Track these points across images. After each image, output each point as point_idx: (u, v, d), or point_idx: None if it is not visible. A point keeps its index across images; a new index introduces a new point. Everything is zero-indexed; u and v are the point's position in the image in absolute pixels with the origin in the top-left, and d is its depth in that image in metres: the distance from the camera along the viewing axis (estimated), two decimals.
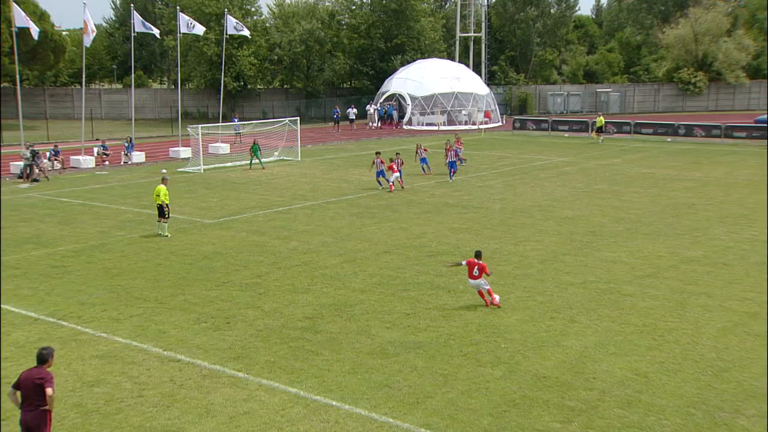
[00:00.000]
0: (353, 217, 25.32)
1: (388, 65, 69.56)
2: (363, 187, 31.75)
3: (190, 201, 28.52)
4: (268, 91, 75.31)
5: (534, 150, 46.12)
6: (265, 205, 27.52)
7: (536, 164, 39.20)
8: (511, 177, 34.59)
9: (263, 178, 34.61)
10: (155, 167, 38.78)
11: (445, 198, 28.97)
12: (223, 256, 19.99)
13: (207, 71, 66.67)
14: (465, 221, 24.44)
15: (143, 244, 21.51)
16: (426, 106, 61.44)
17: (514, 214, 25.71)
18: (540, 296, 16.49)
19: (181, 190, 31.13)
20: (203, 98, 71.15)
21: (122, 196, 29.84)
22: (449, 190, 30.91)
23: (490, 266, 18.87)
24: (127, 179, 34.79)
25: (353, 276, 18.01)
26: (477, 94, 62.96)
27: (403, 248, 20.75)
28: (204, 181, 34.05)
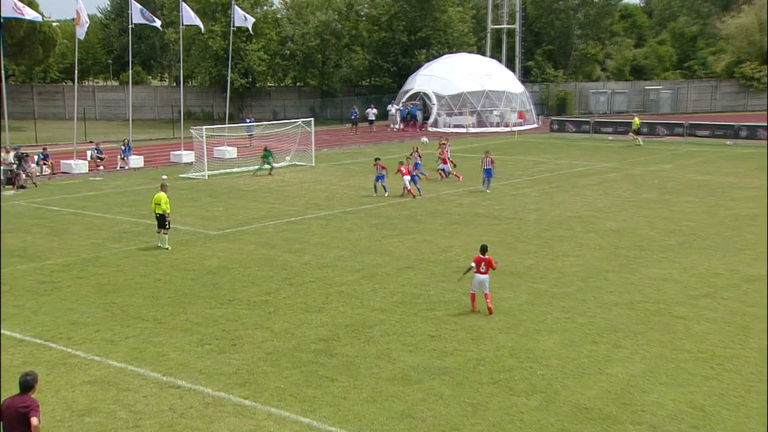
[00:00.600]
0: (373, 228, 25.35)
1: (412, 61, 69.78)
2: (384, 196, 31.78)
3: (193, 210, 28.71)
4: (279, 90, 75.83)
5: (573, 154, 45.93)
6: (275, 215, 27.63)
7: (576, 170, 39.04)
8: (547, 184, 34.48)
9: (274, 186, 34.78)
10: (155, 173, 39.14)
11: (475, 208, 28.93)
12: (229, 271, 20.09)
13: (212, 67, 67.29)
14: (496, 233, 24.37)
15: (141, 257, 21.67)
16: (453, 106, 61.52)
17: (551, 225, 25.62)
18: (581, 318, 16.39)
19: (183, 198, 31.35)
20: (208, 97, 71.78)
21: (118, 204, 30.11)
22: (479, 199, 30.87)
23: (525, 282, 18.80)
24: (124, 186, 35.12)
25: (372, 294, 18.02)
26: (510, 93, 62.97)
27: (428, 263, 20.73)
28: (208, 188, 34.29)
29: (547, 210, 28.38)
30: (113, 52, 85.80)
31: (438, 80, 62.26)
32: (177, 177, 37.39)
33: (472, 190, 33.10)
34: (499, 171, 38.23)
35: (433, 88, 62.04)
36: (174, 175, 38.06)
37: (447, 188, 32.95)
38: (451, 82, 61.73)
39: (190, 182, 36.09)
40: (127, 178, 37.53)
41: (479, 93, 61.68)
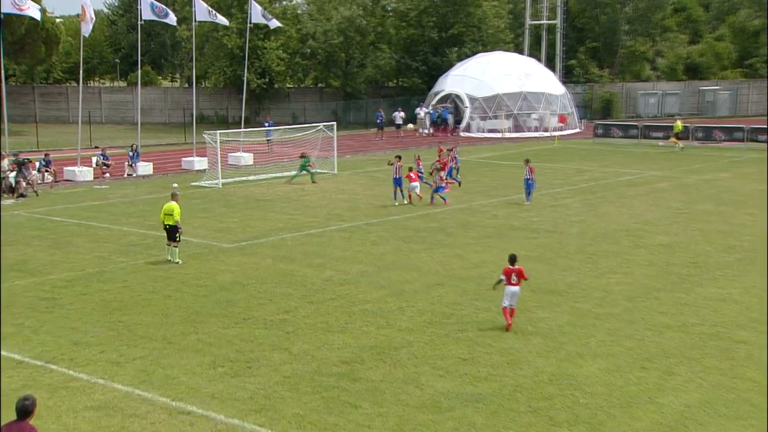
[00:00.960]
0: (399, 241, 25.35)
1: (443, 60, 69.88)
2: (411, 206, 31.79)
3: (205, 221, 28.90)
4: (299, 91, 76.26)
5: (620, 162, 45.66)
6: (294, 227, 27.73)
7: (623, 179, 38.80)
8: (591, 194, 34.31)
9: (293, 195, 34.92)
10: (165, 181, 39.44)
11: (510, 219, 28.85)
12: (244, 287, 20.17)
13: (227, 67, 67.84)
14: (535, 248, 24.27)
15: (149, 272, 21.82)
16: (488, 109, 61.49)
17: (595, 239, 25.48)
18: (628, 341, 16.25)
19: (196, 208, 31.56)
20: (222, 99, 72.36)
21: (125, 215, 30.39)
22: (515, 210, 30.79)
23: (566, 302, 18.67)
24: (132, 195, 35.45)
25: (399, 312, 18.00)
26: (550, 95, 62.84)
27: (459, 280, 20.69)
28: (222, 197, 34.50)
29: (590, 222, 28.22)
30: (121, 51, 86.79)
31: (471, 81, 62.28)
32: (189, 185, 37.67)
33: (508, 200, 32.99)
34: (537, 180, 38.08)
35: (465, 90, 62.06)
36: (186, 183, 38.34)
37: (480, 198, 32.89)
38: (486, 83, 61.72)
39: (203, 191, 36.35)
40: (135, 187, 37.89)
41: (516, 95, 61.61)
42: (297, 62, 72.04)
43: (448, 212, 30.40)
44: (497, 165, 44.66)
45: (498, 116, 61.29)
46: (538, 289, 19.68)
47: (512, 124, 61.47)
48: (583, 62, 78.64)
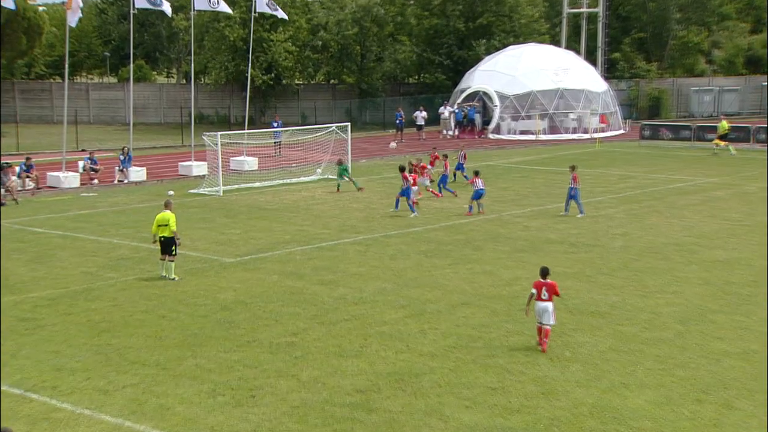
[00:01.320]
0: (421, 255, 25.34)
1: (470, 54, 69.95)
2: (434, 216, 31.79)
3: (205, 233, 28.98)
4: (309, 88, 76.56)
5: (670, 167, 45.47)
6: (303, 239, 27.77)
7: (673, 186, 38.65)
8: (637, 204, 34.19)
9: (302, 204, 34.99)
10: (160, 188, 39.62)
11: (546, 232, 28.78)
12: (247, 306, 20.20)
13: (229, 61, 68.18)
14: (573, 263, 24.19)
15: (142, 289, 21.88)
16: (520, 108, 61.46)
17: (641, 254, 25.37)
18: (680, 370, 16.14)
19: (194, 218, 31.66)
20: (224, 97, 72.74)
21: (115, 225, 30.51)
22: (550, 221, 30.72)
23: (608, 324, 18.58)
24: (123, 203, 35.61)
25: (420, 335, 17.97)
26: (590, 92, 62.73)
27: (488, 299, 20.65)
28: (224, 206, 34.61)
29: (636, 235, 28.11)
30: (111, 43, 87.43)
31: (501, 77, 62.29)
32: (186, 193, 37.80)
33: (542, 210, 32.91)
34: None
35: (495, 87, 62.06)
36: (183, 190, 38.49)
37: (511, 208, 32.83)
38: (518, 79, 61.70)
39: (202, 199, 36.47)
40: (127, 194, 38.06)
41: (552, 92, 61.54)
42: (307, 56, 72.30)
43: (475, 223, 30.34)
44: (530, 171, 44.57)
45: (531, 116, 61.21)
46: (576, 310, 19.60)
47: (547, 124, 61.37)
48: (628, 55, 78.44)
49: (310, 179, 41.33)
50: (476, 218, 31.29)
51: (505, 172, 43.73)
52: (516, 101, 61.50)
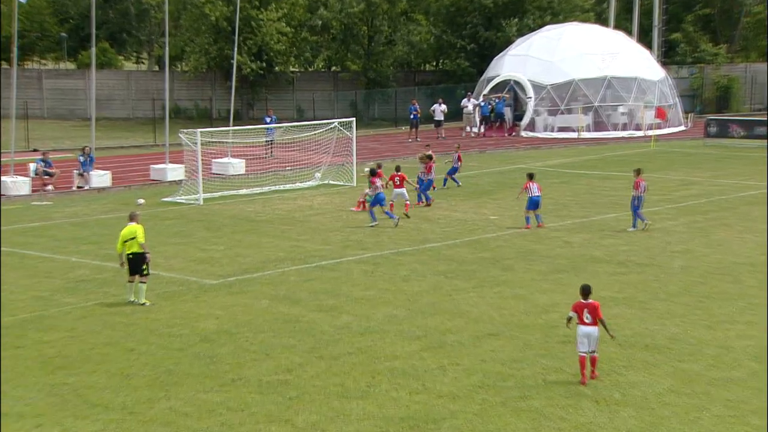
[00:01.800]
0: (439, 276, 25.22)
1: (498, 35, 69.95)
2: (456, 229, 31.65)
3: (181, 249, 28.88)
4: (307, 77, 76.65)
5: (742, 171, 45.24)
6: (299, 257, 27.66)
7: (746, 194, 38.42)
8: (701, 215, 34.00)
9: (298, 214, 34.92)
10: (127, 195, 39.59)
11: (590, 248, 28.63)
12: (232, 337, 20.08)
13: (211, 44, 68.26)
14: (623, 287, 24.03)
15: (106, 317, 21.76)
16: (559, 101, 61.37)
17: (707, 276, 25.21)
18: (755, 417, 16.00)
19: (169, 231, 31.58)
20: (204, 87, 72.83)
21: (74, 240, 30.42)
22: (595, 235, 30.59)
23: (667, 361, 18.38)
24: (83, 214, 35.56)
25: (439, 373, 17.85)
26: (644, 80, 62.55)
27: (520, 329, 20.52)
28: (204, 217, 34.54)
29: (700, 253, 27.93)
30: (69, 22, 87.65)
31: (536, 63, 62.22)
32: (159, 201, 37.77)
33: (586, 222, 32.73)
34: (627, 195, 37.75)
35: (529, 75, 62.01)
36: (155, 198, 38.47)
37: (547, 219, 32.64)
38: (556, 65, 61.64)
39: (179, 209, 36.42)
40: (88, 203, 38.00)
41: (598, 81, 61.43)
42: (304, 38, 72.37)
43: (504, 238, 30.20)
44: (571, 175, 44.45)
45: (573, 110, 61.12)
46: (628, 344, 19.42)
47: (592, 120, 61.27)
48: (690, 36, 78.04)
49: (307, 185, 41.25)
50: (507, 232, 31.18)
51: (541, 177, 43.25)
52: (554, 92, 61.39)
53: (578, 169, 46.85)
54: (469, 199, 37.41)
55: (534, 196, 31.46)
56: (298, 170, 42.89)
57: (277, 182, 41.67)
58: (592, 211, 34.66)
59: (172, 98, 66.41)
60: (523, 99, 62.57)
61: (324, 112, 67.29)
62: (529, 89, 61.65)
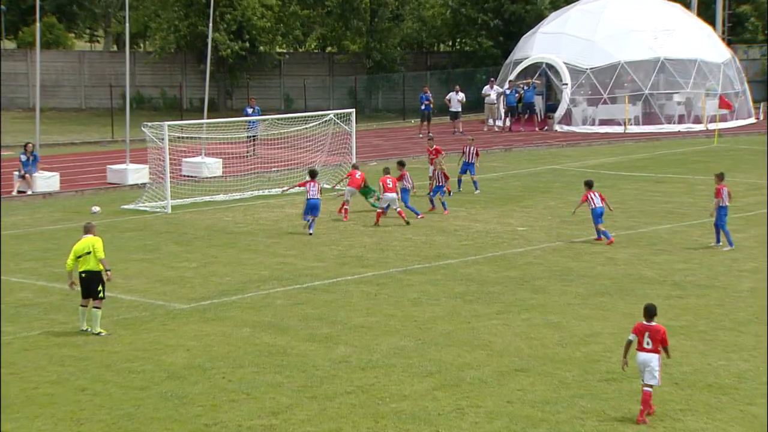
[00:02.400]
0: (456, 300, 25.23)
1: (528, 9, 69.96)
2: (477, 242, 31.64)
3: (145, 267, 28.88)
4: (297, 60, 76.54)
5: None
6: (287, 276, 27.69)
7: None
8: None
9: (285, 224, 34.93)
10: (79, 202, 39.57)
11: (638, 266, 28.59)
12: (206, 373, 20.07)
13: (181, 19, 68.14)
14: (679, 313, 23.99)
15: (52, 349, 21.71)
16: (601, 88, 61.20)
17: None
18: None
19: (129, 246, 31.57)
20: (173, 71, 72.77)
21: (14, 256, 30.35)
22: (645, 251, 30.57)
23: (733, 404, 18.37)
24: (25, 224, 35.54)
25: (456, 416, 17.86)
26: (705, 63, 62.28)
27: (554, 363, 20.51)
28: (173, 228, 34.56)
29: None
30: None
31: (574, 42, 62.16)
32: (118, 209, 37.74)
33: (632, 234, 32.64)
34: (680, 202, 37.77)
35: (564, 57, 61.86)
36: (113, 206, 38.45)
37: (587, 231, 32.60)
38: (597, 45, 61.56)
39: (142, 219, 36.43)
40: (31, 211, 37.99)
41: (649, 64, 61.30)
42: (293, 13, 72.33)
43: (535, 254, 30.18)
44: (616, 178, 44.40)
45: (617, 99, 61.03)
46: (686, 382, 19.39)
47: (641, 111, 61.14)
48: (762, 8, 77.78)
49: (297, 191, 41.17)
50: (538, 247, 31.17)
51: (579, 180, 43.44)
52: (595, 77, 61.30)
53: (624, 170, 46.77)
54: (492, 207, 37.37)
55: (597, 208, 31.47)
56: (286, 172, 42.82)
57: (260, 186, 41.69)
58: (641, 222, 34.61)
59: (134, 85, 66.31)
60: (558, 86, 62.52)
61: (317, 101, 67.26)
62: (564, 74, 61.54)
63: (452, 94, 61.18)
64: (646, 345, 17.32)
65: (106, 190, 42.51)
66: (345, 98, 68.79)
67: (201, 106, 50.75)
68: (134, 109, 51.04)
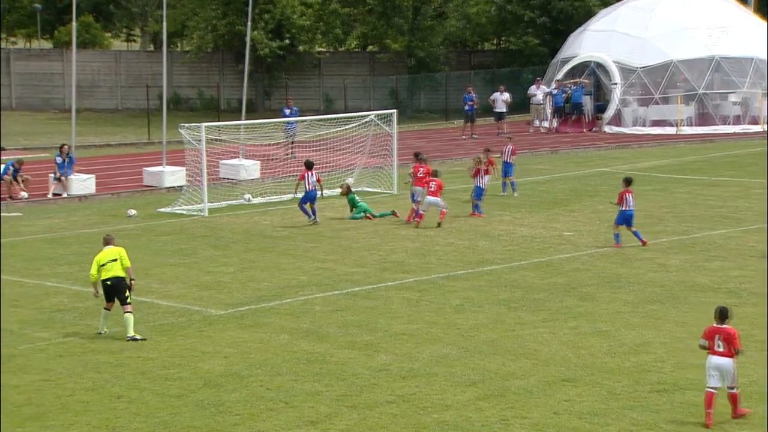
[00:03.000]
0: (501, 307, 25.20)
1: (576, 6, 69.66)
2: (522, 248, 31.56)
3: (182, 272, 28.97)
4: (337, 59, 76.63)
5: None
6: (326, 282, 27.73)
7: None
8: None
9: (325, 230, 34.96)
10: (115, 205, 39.73)
11: (691, 272, 28.44)
12: (243, 381, 20.11)
13: (219, 18, 68.36)
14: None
15: (87, 356, 21.83)
16: (653, 88, 60.88)
17: None
18: None
19: (166, 250, 31.70)
20: (211, 71, 72.99)
21: (49, 260, 30.54)
22: (699, 257, 30.37)
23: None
24: (60, 227, 35.73)
25: (501, 428, 17.82)
26: (762, 61, 61.49)
27: (603, 373, 20.43)
28: (210, 232, 34.68)
29: None
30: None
31: (624, 40, 61.91)
32: (154, 213, 37.94)
33: (685, 240, 32.45)
34: (736, 207, 37.46)
35: (614, 55, 61.60)
36: (149, 209, 38.63)
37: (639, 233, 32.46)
38: (649, 42, 61.27)
39: (178, 222, 36.58)
40: (67, 214, 38.16)
41: (703, 62, 60.86)
42: (333, 11, 72.40)
43: (583, 260, 30.06)
44: (668, 181, 44.16)
45: (670, 99, 60.68)
46: (743, 394, 18.97)
47: (695, 111, 60.74)
48: None
49: (336, 193, 41.19)
50: (586, 252, 31.06)
51: None
52: (646, 77, 61.02)
53: (677, 173, 46.50)
54: (538, 211, 37.26)
55: (627, 210, 31.38)
56: (326, 174, 42.86)
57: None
58: (694, 227, 34.37)
59: (171, 85, 66.54)
60: (607, 86, 62.22)
61: (358, 102, 67.28)
62: (614, 73, 61.30)
63: (497, 94, 61.11)
64: (718, 348, 17.57)
65: (142, 193, 42.73)
66: (386, 99, 68.77)
67: (239, 107, 50.94)
68: (171, 110, 51.12)
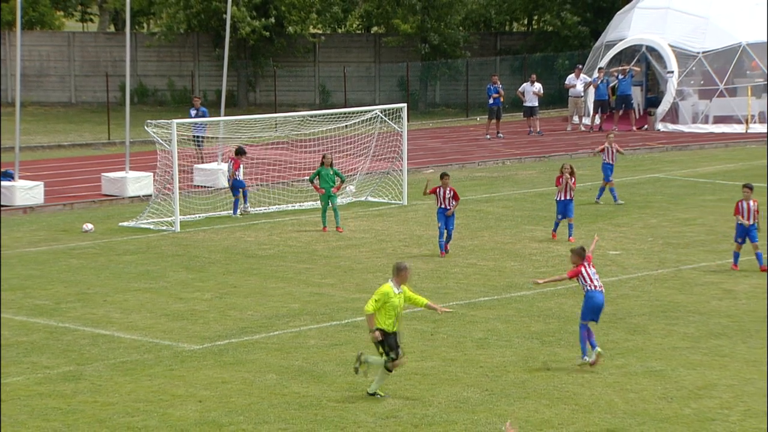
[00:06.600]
0: (533, 341, 25.29)
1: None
2: (558, 269, 31.50)
3: (149, 298, 29.07)
4: (335, 43, 76.81)
5: None
6: (323, 310, 27.81)
7: None
8: None
9: (321, 247, 35.06)
10: (69, 217, 39.82)
11: (763, 301, 28.29)
12: (222, 430, 20.17)
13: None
14: None
15: (34, 399, 21.90)
16: (717, 77, 60.84)
17: None
18: None
19: (130, 272, 31.78)
20: (183, 57, 73.17)
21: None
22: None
23: None
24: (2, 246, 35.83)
25: None
26: None
27: (656, 422, 20.48)
28: (182, 251, 34.77)
29: None
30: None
31: (682, 19, 62.05)
32: (116, 227, 38.03)
33: (755, 261, 32.46)
34: None
35: (669, 38, 61.70)
36: (110, 222, 38.72)
37: (696, 256, 32.50)
38: (712, 23, 61.36)
39: (145, 239, 36.66)
40: (9, 230, 38.21)
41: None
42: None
43: (633, 284, 30.08)
44: (736, 190, 44.01)
45: (738, 91, 60.72)
46: None
47: (767, 106, 60.79)
48: None
49: (346, 202, 41.22)
50: (636, 275, 31.09)
51: (688, 192, 43.55)
52: (709, 64, 61.11)
53: (745, 179, 46.47)
54: (578, 225, 37.17)
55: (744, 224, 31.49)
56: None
57: (289, 199, 41.80)
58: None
59: (136, 74, 66.67)
60: (661, 74, 62.40)
61: (360, 94, 67.48)
62: (670, 60, 61.42)
63: (527, 85, 61.16)
64: None
65: (100, 204, 42.80)
66: (394, 90, 69.02)
67: (217, 101, 51.03)
68: (135, 104, 51.38)
